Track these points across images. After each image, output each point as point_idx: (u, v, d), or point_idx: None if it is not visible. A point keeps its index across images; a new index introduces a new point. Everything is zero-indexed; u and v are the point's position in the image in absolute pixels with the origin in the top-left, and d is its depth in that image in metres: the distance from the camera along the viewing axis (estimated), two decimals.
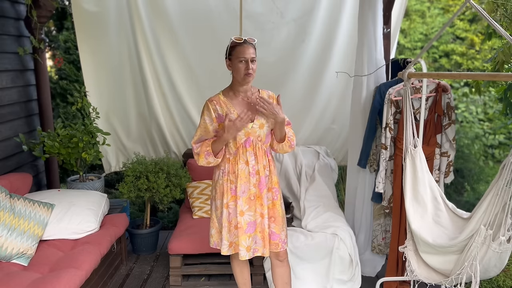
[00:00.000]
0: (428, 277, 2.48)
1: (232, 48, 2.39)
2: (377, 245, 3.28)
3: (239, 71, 2.37)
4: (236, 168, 2.44)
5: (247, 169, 2.43)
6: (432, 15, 8.36)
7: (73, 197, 3.26)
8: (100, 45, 3.93)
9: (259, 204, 2.46)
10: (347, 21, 3.88)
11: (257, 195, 2.46)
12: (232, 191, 2.45)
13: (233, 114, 2.41)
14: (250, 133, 2.42)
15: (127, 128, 4.22)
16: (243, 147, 2.43)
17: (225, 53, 2.44)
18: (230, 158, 2.46)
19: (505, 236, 2.07)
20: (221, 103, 2.44)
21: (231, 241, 2.48)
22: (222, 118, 2.41)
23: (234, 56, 2.37)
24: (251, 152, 2.44)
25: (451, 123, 2.92)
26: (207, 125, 2.42)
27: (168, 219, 4.72)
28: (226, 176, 2.46)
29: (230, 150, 2.45)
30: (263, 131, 2.46)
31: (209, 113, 2.42)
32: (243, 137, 2.42)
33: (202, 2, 3.82)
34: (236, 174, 2.43)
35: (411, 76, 2.58)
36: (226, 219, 2.46)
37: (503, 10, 2.62)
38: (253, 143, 2.44)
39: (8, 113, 3.63)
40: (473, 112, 7.65)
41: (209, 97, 2.47)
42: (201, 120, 2.45)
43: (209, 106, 2.42)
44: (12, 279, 2.46)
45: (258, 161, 2.45)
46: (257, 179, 2.45)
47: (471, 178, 5.14)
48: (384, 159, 3.00)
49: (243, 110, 2.38)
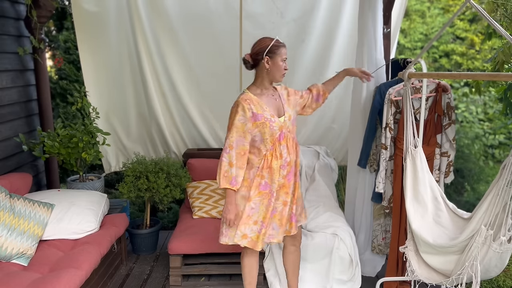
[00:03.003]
0: (429, 277, 2.48)
1: (276, 47, 2.47)
2: (377, 245, 3.28)
3: (280, 69, 2.48)
4: (271, 163, 2.51)
5: (279, 162, 2.51)
6: (432, 15, 8.36)
7: (73, 197, 3.26)
8: (100, 45, 3.93)
9: (283, 193, 2.56)
10: (347, 21, 3.87)
11: (284, 184, 2.55)
12: (261, 187, 2.52)
13: (266, 112, 2.48)
14: (282, 126, 2.51)
15: (127, 128, 4.22)
16: (277, 142, 2.51)
17: (263, 51, 2.46)
18: (266, 154, 2.51)
19: (506, 236, 2.07)
20: (253, 101, 2.49)
21: (245, 233, 2.54)
22: (256, 117, 2.46)
23: (277, 55, 2.46)
24: (284, 146, 2.53)
25: (451, 123, 2.92)
26: (242, 125, 2.46)
27: (168, 219, 4.72)
28: (259, 172, 2.51)
29: (266, 146, 2.51)
30: (291, 122, 2.58)
31: (244, 113, 2.45)
32: (277, 132, 2.50)
33: (202, 2, 3.82)
34: (271, 169, 2.51)
35: (411, 76, 2.58)
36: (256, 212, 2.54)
37: (503, 10, 2.62)
38: (285, 135, 2.53)
39: (8, 113, 3.63)
40: (473, 112, 7.65)
41: (240, 97, 2.50)
42: (234, 121, 2.46)
43: (244, 106, 2.45)
44: (12, 279, 2.46)
45: (289, 152, 2.55)
46: (288, 170, 2.55)
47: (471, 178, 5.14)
48: (384, 159, 3.00)
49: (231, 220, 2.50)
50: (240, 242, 2.54)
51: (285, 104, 2.57)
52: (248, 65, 2.53)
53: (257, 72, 2.53)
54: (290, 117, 2.57)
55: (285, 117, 2.53)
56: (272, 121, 2.47)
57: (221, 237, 2.58)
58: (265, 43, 2.46)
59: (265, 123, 2.46)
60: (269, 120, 2.47)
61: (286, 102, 2.59)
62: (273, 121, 2.48)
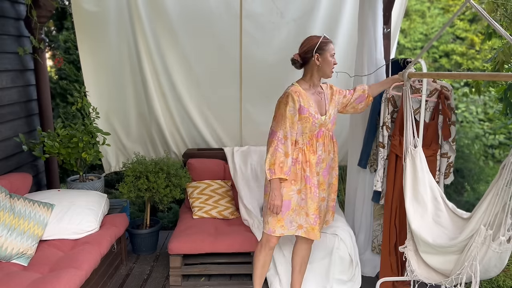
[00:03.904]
0: (428, 277, 2.48)
1: (324, 44, 2.54)
2: (377, 245, 3.28)
3: (330, 64, 2.57)
4: (308, 158, 2.57)
5: (315, 158, 2.60)
6: (432, 15, 8.36)
7: (73, 197, 3.26)
8: (100, 45, 3.93)
9: (321, 190, 2.66)
10: (347, 21, 3.87)
11: (320, 182, 2.65)
12: (305, 179, 2.59)
13: (311, 107, 2.55)
14: (322, 124, 2.60)
15: (127, 128, 4.22)
16: (315, 138, 2.58)
17: (313, 49, 2.53)
18: (303, 148, 2.58)
19: (505, 236, 2.07)
20: (302, 94, 2.55)
21: (300, 224, 2.64)
22: (303, 110, 2.52)
23: (327, 51, 2.55)
24: (320, 143, 2.61)
25: (451, 125, 2.92)
26: (292, 116, 2.52)
27: (168, 219, 4.72)
28: (300, 165, 2.59)
29: (304, 139, 2.58)
30: (331, 121, 2.67)
31: (293, 104, 2.52)
32: (317, 129, 2.57)
33: (202, 2, 3.82)
34: (310, 163, 2.57)
35: (411, 76, 2.58)
36: (297, 204, 2.61)
37: (503, 10, 2.62)
38: (323, 133, 2.61)
39: (8, 113, 3.63)
40: (473, 112, 7.65)
41: (290, 88, 2.57)
42: (286, 112, 2.51)
43: (294, 97, 2.52)
44: (12, 279, 2.46)
45: (325, 149, 2.64)
46: (323, 166, 2.64)
47: (471, 178, 5.13)
48: (381, 157, 3.00)
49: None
50: (294, 232, 2.66)
51: (328, 104, 2.66)
52: (297, 64, 2.62)
53: (306, 69, 2.61)
54: (331, 116, 2.66)
55: (326, 116, 2.63)
56: (315, 118, 2.56)
57: (266, 225, 2.66)
58: (313, 41, 2.55)
59: (309, 118, 2.54)
60: (313, 116, 2.55)
61: (329, 101, 2.68)
62: (316, 118, 2.56)
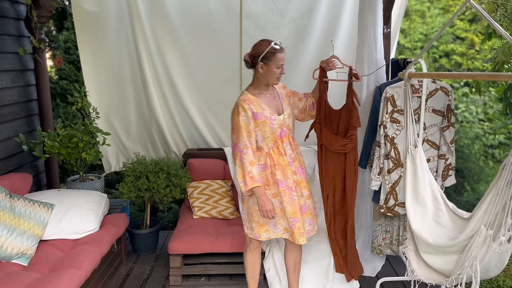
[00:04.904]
0: (429, 277, 2.48)
1: (271, 54, 2.47)
2: (377, 246, 3.27)
3: (274, 74, 2.51)
4: (277, 161, 2.57)
5: (285, 159, 2.57)
6: (432, 15, 8.36)
7: (73, 197, 3.26)
8: (100, 45, 3.93)
9: (302, 187, 2.66)
10: (347, 21, 3.87)
11: (299, 181, 2.64)
12: (278, 183, 2.58)
13: (265, 110, 2.53)
14: (283, 124, 2.58)
15: (127, 128, 4.22)
16: (279, 139, 2.57)
17: (258, 57, 2.48)
18: (270, 152, 2.57)
19: (506, 236, 2.07)
20: (252, 101, 2.53)
21: (285, 226, 2.63)
22: (257, 116, 2.51)
23: (272, 61, 2.48)
24: (287, 143, 2.60)
25: (450, 126, 2.91)
26: (247, 125, 2.50)
27: (168, 219, 4.72)
28: (269, 170, 2.57)
29: (268, 144, 2.56)
30: (291, 120, 2.65)
31: (245, 112, 2.50)
32: (278, 129, 2.55)
33: (202, 2, 3.82)
34: (280, 166, 2.57)
35: (411, 76, 2.58)
36: (278, 207, 2.60)
37: (503, 10, 2.62)
38: (286, 133, 2.59)
39: (8, 113, 3.63)
40: (473, 112, 7.65)
41: (239, 98, 2.55)
42: (239, 122, 2.49)
43: (244, 106, 2.51)
44: (12, 279, 2.46)
45: (293, 149, 2.63)
46: (296, 165, 2.63)
47: (471, 178, 5.12)
48: (377, 156, 3.00)
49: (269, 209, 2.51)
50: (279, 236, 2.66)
51: (284, 103, 2.64)
52: (248, 64, 2.58)
53: (255, 74, 2.59)
54: (290, 115, 2.64)
55: (284, 115, 2.60)
56: (272, 119, 2.53)
57: (251, 231, 2.67)
58: (260, 48, 2.48)
59: (265, 121, 2.52)
60: (269, 118, 2.53)
61: (284, 100, 2.65)
62: (273, 119, 2.54)
